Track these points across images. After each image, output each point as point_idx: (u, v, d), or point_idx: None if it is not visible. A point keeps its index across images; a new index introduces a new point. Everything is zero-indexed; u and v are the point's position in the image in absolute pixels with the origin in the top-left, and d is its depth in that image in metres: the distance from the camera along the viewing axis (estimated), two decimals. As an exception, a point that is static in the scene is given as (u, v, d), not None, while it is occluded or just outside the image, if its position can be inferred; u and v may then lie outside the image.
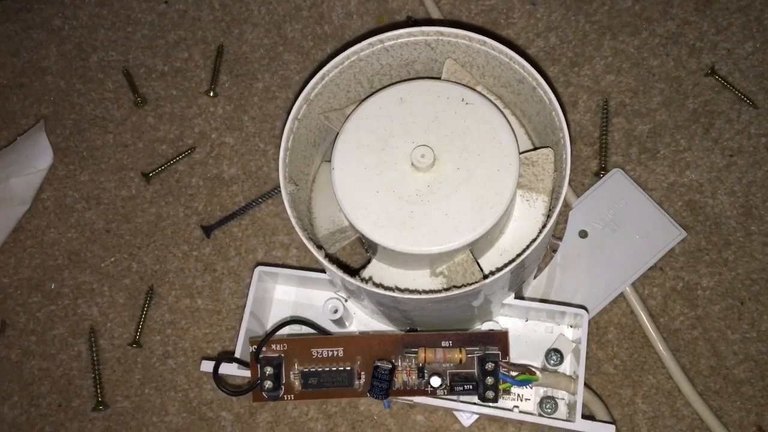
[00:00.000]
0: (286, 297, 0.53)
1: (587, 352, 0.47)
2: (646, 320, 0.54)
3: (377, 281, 0.43)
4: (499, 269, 0.39)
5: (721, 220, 0.57)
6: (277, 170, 0.42)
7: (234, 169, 0.62)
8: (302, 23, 0.66)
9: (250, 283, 0.49)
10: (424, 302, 0.40)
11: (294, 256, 0.59)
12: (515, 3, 0.65)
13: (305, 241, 0.40)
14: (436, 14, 0.64)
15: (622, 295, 0.54)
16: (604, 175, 0.58)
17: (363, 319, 0.52)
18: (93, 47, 0.68)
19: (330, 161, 0.42)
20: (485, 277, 0.39)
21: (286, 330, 0.48)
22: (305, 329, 0.48)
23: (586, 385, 0.46)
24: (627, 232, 0.55)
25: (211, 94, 0.64)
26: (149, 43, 0.67)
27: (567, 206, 0.57)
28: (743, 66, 0.61)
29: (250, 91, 0.65)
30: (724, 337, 0.54)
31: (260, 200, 0.60)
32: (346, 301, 0.49)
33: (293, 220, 0.41)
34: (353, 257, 0.58)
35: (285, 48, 0.66)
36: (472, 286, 0.38)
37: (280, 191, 0.59)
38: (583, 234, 0.55)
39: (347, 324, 0.51)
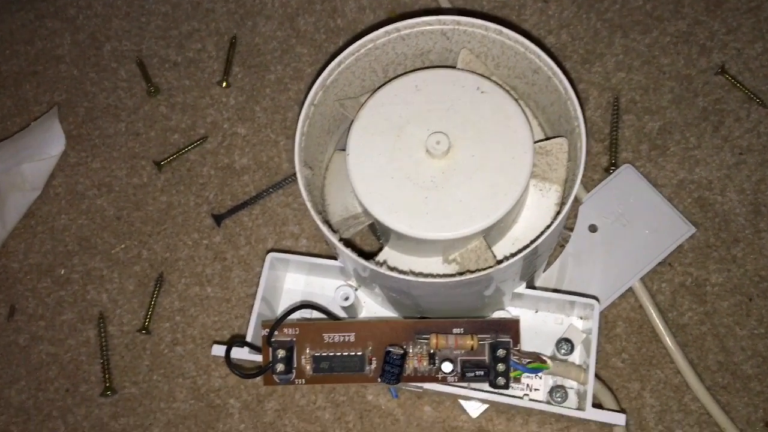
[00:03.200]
0: (296, 286, 0.54)
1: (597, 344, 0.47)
2: (654, 315, 0.54)
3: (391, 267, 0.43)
4: (512, 255, 0.39)
5: (730, 217, 0.57)
6: (289, 161, 0.42)
7: (245, 159, 0.62)
8: (315, 16, 0.67)
9: (259, 272, 0.50)
10: (438, 287, 0.40)
11: (304, 246, 0.59)
12: (527, 0, 0.65)
13: (320, 223, 0.40)
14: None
15: (631, 289, 0.55)
16: (614, 170, 0.58)
17: (373, 309, 0.52)
18: (107, 37, 0.68)
19: (344, 149, 0.43)
20: (499, 262, 0.39)
21: (295, 316, 0.48)
22: (315, 317, 0.49)
23: (595, 375, 0.46)
24: (636, 227, 0.56)
25: (224, 84, 0.65)
26: (163, 34, 0.67)
27: (577, 201, 0.57)
28: (753, 65, 0.61)
29: (263, 82, 0.65)
30: (733, 333, 0.54)
31: (271, 190, 0.60)
32: (356, 290, 0.50)
33: (308, 204, 0.41)
34: (363, 247, 0.58)
35: (298, 41, 0.66)
36: (486, 271, 0.39)
37: (291, 181, 0.60)
38: (593, 228, 0.56)
39: (358, 313, 0.51)
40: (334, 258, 0.49)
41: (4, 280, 0.61)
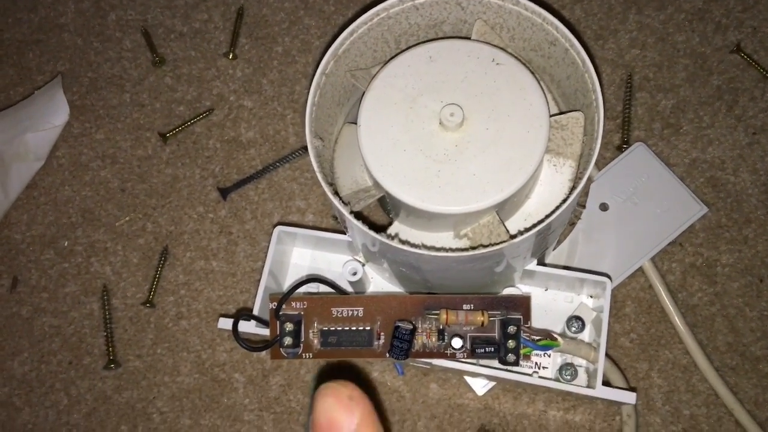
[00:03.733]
0: (303, 261, 0.53)
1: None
2: (664, 295, 0.53)
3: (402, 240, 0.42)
4: (526, 229, 0.39)
5: (742, 198, 0.56)
6: (296, 135, 0.42)
7: (252, 133, 0.61)
8: (324, -12, 0.66)
9: (265, 246, 0.49)
10: (449, 261, 0.39)
11: (310, 221, 0.58)
12: (540, -26, 0.64)
13: (330, 195, 0.40)
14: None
15: (640, 269, 0.54)
16: (626, 148, 0.57)
17: (381, 285, 0.52)
18: (111, 5, 0.67)
19: (354, 122, 0.42)
20: (512, 238, 0.39)
21: (302, 290, 0.47)
22: (322, 291, 0.48)
23: (606, 353, 0.45)
24: (648, 206, 0.55)
25: (230, 56, 0.64)
26: (168, 3, 0.66)
27: (589, 179, 0.56)
28: (769, 44, 0.61)
29: (270, 54, 0.64)
30: (742, 314, 0.54)
31: (278, 164, 0.60)
32: (363, 265, 0.49)
33: (318, 175, 0.40)
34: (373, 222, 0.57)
35: (306, 12, 0.65)
36: (500, 246, 0.38)
37: (297, 155, 0.59)
38: (604, 207, 0.55)
39: (366, 288, 0.51)
40: (342, 232, 0.48)
41: (6, 252, 0.60)
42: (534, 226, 0.39)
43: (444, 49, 0.42)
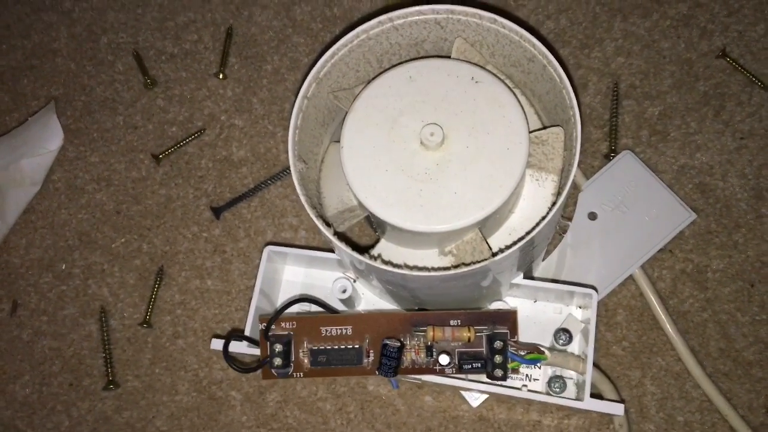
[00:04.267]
0: (295, 278, 0.54)
1: (596, 334, 0.47)
2: (655, 302, 0.54)
3: (386, 260, 0.43)
4: (508, 247, 0.39)
5: (731, 203, 0.57)
6: (287, 152, 0.42)
7: (243, 151, 0.62)
8: (311, 5, 0.66)
9: (259, 264, 0.50)
10: (433, 280, 0.40)
11: (303, 238, 0.59)
12: (525, -15, 0.65)
13: (314, 218, 0.40)
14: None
15: (631, 277, 0.54)
16: (614, 157, 0.57)
17: (372, 300, 0.52)
18: (103, 29, 0.68)
19: (339, 141, 0.42)
20: (494, 255, 0.39)
21: (294, 309, 0.48)
22: (314, 310, 0.49)
23: (594, 365, 0.46)
24: (637, 214, 0.55)
25: (221, 76, 0.64)
26: (159, 25, 0.67)
27: (576, 188, 0.56)
28: (755, 48, 0.61)
29: (260, 73, 0.65)
30: (734, 320, 0.54)
31: (269, 182, 0.60)
32: (354, 281, 0.49)
33: (302, 198, 0.41)
34: (362, 239, 0.58)
35: (294, 30, 0.66)
36: (482, 264, 0.38)
37: (289, 173, 0.60)
38: (593, 216, 0.55)
39: (356, 304, 0.51)
40: (332, 250, 0.49)
41: (6, 276, 0.61)
42: (516, 242, 0.39)
43: (424, 69, 0.43)
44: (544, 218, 0.40)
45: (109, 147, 0.64)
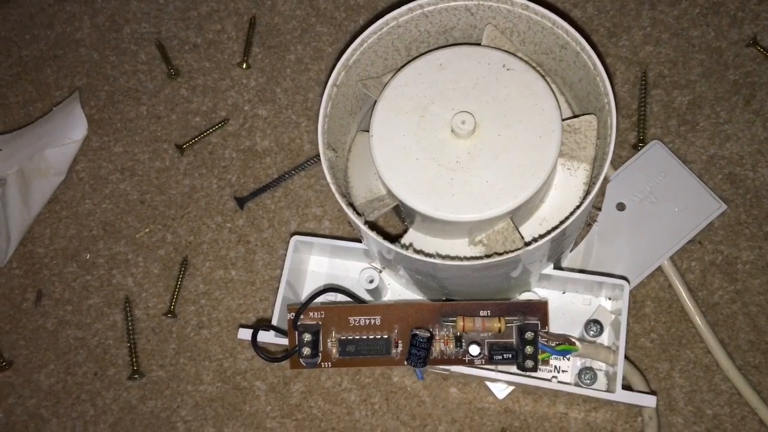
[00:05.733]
0: (320, 269, 0.53)
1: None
2: (684, 294, 0.53)
3: (417, 249, 0.43)
4: (541, 236, 0.39)
5: (762, 194, 0.56)
6: (311, 142, 0.42)
7: (267, 141, 0.62)
8: (335, -6, 0.66)
9: (283, 254, 0.50)
10: (465, 269, 0.39)
11: (327, 228, 0.59)
12: (551, -27, 0.64)
13: (344, 207, 0.40)
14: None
15: (660, 268, 0.54)
16: (642, 147, 0.57)
17: (398, 291, 0.52)
18: (126, 19, 0.68)
19: (367, 130, 0.42)
20: (527, 244, 0.39)
21: (319, 299, 0.47)
22: (339, 300, 0.48)
23: (624, 357, 0.45)
24: (666, 204, 0.54)
25: (244, 66, 0.64)
26: (182, 15, 0.67)
27: (605, 179, 0.56)
28: (787, 36, 0.60)
29: (283, 63, 0.64)
30: (764, 312, 0.53)
31: (293, 172, 0.60)
32: (380, 272, 0.49)
33: (332, 187, 0.40)
34: (386, 228, 0.57)
35: (317, 19, 0.65)
36: (514, 253, 0.38)
37: (312, 162, 0.60)
38: (621, 207, 0.55)
39: (382, 295, 0.51)
40: (358, 240, 0.49)
41: (30, 266, 0.61)
42: (548, 232, 0.39)
43: (454, 56, 0.42)
44: (578, 207, 0.39)
45: (133, 137, 0.64)
